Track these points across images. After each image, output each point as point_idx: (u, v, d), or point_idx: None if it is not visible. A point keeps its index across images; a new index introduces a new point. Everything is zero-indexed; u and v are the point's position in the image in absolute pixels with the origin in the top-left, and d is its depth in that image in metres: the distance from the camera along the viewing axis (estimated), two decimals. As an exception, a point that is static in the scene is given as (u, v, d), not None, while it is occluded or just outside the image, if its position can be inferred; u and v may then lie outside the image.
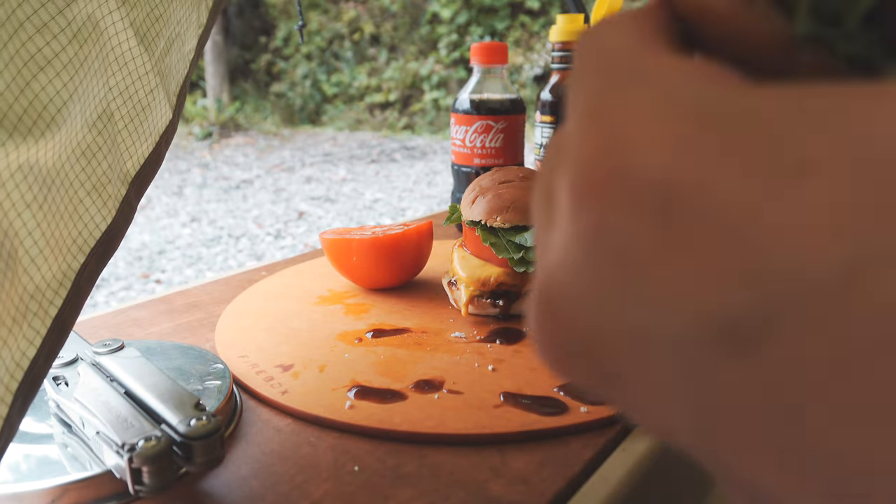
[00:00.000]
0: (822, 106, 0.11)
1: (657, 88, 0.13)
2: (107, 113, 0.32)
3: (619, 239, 0.12)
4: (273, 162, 5.88)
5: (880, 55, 0.15)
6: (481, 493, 0.37)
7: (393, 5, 8.06)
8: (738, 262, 0.11)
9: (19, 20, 0.27)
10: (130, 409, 0.37)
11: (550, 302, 0.14)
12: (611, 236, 0.13)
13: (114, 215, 0.32)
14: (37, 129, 0.28)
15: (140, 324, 0.61)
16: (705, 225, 0.11)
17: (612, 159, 0.13)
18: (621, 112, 0.13)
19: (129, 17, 0.33)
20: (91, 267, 0.30)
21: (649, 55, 0.14)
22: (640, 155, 0.12)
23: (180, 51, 0.38)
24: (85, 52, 0.30)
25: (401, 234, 0.63)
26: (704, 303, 0.11)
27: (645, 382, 0.13)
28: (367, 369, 0.49)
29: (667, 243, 0.12)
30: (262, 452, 0.41)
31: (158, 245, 3.58)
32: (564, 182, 0.14)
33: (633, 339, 0.13)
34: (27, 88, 0.28)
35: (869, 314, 0.10)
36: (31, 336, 0.27)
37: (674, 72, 0.13)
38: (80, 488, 0.36)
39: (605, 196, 0.13)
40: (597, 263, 0.13)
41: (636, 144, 0.12)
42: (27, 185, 0.27)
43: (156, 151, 0.35)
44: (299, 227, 3.88)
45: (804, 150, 0.11)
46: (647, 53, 0.14)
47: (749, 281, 0.11)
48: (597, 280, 0.13)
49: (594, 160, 0.13)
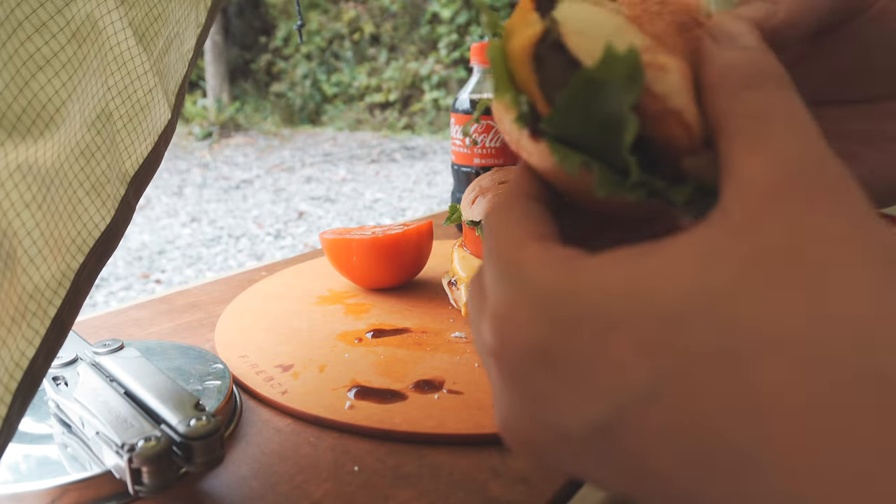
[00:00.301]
0: (611, 275, 0.18)
1: (521, 281, 0.19)
2: (105, 112, 0.32)
3: (522, 385, 0.19)
4: (273, 162, 5.88)
5: (665, 188, 0.21)
6: (481, 493, 0.37)
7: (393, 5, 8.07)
8: (589, 389, 0.18)
9: (18, 19, 0.27)
10: (130, 409, 0.37)
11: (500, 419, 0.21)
12: (514, 382, 0.20)
13: (113, 215, 0.32)
14: (35, 129, 0.28)
15: (140, 324, 0.61)
16: (563, 371, 0.18)
17: (502, 334, 0.19)
18: (503, 299, 0.20)
19: (128, 16, 0.33)
20: (90, 266, 0.30)
21: (518, 250, 0.20)
22: (515, 331, 0.19)
23: (179, 50, 0.38)
24: (84, 51, 0.30)
25: (401, 234, 0.63)
26: (585, 414, 0.18)
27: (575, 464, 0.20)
28: (367, 369, 0.49)
29: (550, 384, 0.18)
30: (261, 452, 0.41)
31: (158, 245, 3.58)
32: (485, 334, 0.20)
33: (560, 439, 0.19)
34: (26, 88, 0.27)
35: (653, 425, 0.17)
36: (30, 336, 0.27)
37: (532, 263, 0.20)
38: (80, 488, 0.36)
39: (503, 360, 0.19)
40: (518, 400, 0.20)
41: (512, 322, 0.19)
42: (26, 185, 0.27)
43: (155, 151, 0.35)
44: (299, 227, 3.88)
45: (605, 313, 0.18)
46: (517, 248, 0.20)
47: (600, 398, 0.18)
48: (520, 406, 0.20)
49: (494, 333, 0.20)
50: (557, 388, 0.18)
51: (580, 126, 0.21)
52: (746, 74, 0.19)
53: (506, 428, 0.21)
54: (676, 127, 0.20)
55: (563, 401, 0.18)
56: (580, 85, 0.20)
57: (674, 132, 0.20)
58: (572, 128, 0.21)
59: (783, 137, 0.18)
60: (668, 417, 0.16)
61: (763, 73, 0.20)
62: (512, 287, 0.19)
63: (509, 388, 0.20)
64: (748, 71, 0.20)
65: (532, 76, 0.22)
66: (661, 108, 0.20)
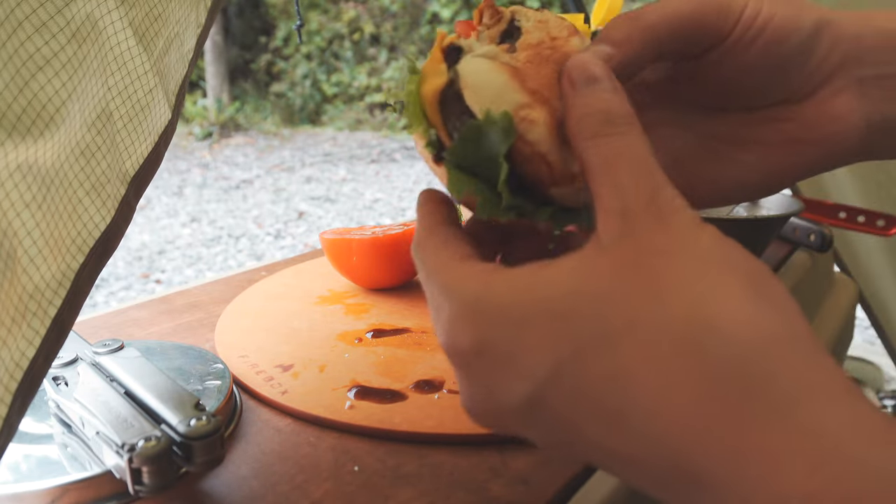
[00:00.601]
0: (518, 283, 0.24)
1: (453, 296, 0.25)
2: (106, 112, 0.32)
3: (470, 375, 0.25)
4: (273, 162, 5.89)
5: (532, 211, 0.27)
6: (481, 493, 0.37)
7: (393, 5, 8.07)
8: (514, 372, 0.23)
9: (18, 19, 0.27)
10: (130, 409, 0.37)
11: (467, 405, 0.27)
12: (464, 373, 0.25)
13: (113, 215, 0.32)
14: (35, 129, 0.28)
15: (140, 324, 0.61)
16: (495, 361, 0.24)
17: (449, 338, 0.25)
18: (445, 312, 0.25)
19: (128, 16, 0.33)
20: (90, 267, 0.30)
21: (447, 272, 0.26)
22: (456, 336, 0.25)
23: (179, 50, 0.38)
24: (84, 51, 0.30)
25: (401, 234, 0.63)
26: (515, 392, 0.23)
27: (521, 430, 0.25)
28: (366, 369, 0.49)
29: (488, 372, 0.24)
30: (261, 452, 0.41)
31: (158, 245, 3.58)
32: (440, 340, 0.26)
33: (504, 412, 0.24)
34: (26, 88, 0.27)
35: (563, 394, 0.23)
36: (30, 336, 0.27)
37: (458, 280, 0.25)
38: (80, 488, 0.36)
39: (454, 359, 0.25)
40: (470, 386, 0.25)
41: (454, 329, 0.25)
42: (26, 185, 0.27)
43: (155, 151, 0.35)
44: (299, 227, 3.88)
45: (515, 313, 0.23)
46: (445, 270, 0.26)
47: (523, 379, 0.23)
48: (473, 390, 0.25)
49: (444, 339, 0.25)
50: (494, 374, 0.24)
51: (471, 161, 0.27)
52: (598, 123, 0.25)
53: (468, 408, 0.26)
54: (542, 165, 0.26)
55: (499, 383, 0.24)
56: (470, 131, 0.26)
57: (541, 169, 0.26)
58: (465, 161, 0.27)
59: (627, 176, 0.24)
60: (572, 387, 0.22)
61: (611, 121, 0.25)
62: (447, 302, 0.25)
63: (463, 378, 0.25)
64: (599, 119, 0.25)
65: (438, 115, 0.28)
66: (530, 151, 0.26)
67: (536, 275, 0.23)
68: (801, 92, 0.31)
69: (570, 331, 0.22)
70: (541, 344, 0.22)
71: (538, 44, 0.28)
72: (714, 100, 0.33)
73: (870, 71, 0.31)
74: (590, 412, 0.22)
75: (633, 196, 0.23)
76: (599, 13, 0.86)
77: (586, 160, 0.25)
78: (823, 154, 0.32)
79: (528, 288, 0.23)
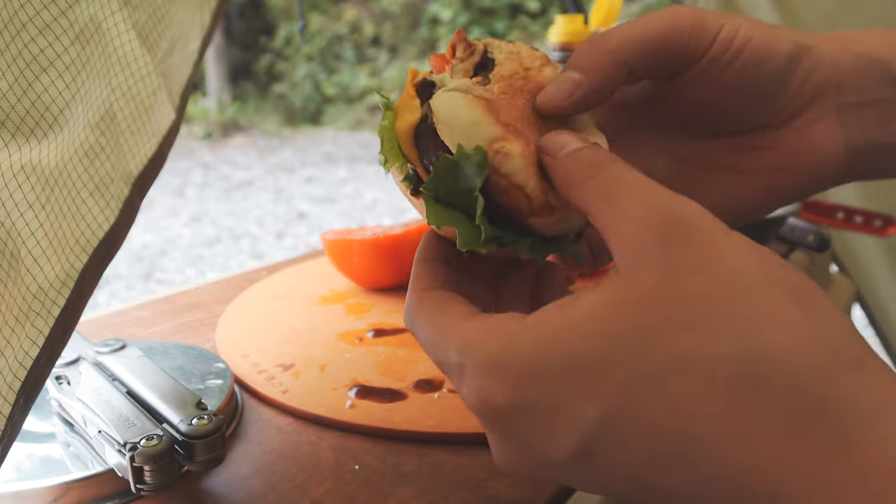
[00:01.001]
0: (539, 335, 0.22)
1: (473, 359, 0.23)
2: (109, 114, 0.32)
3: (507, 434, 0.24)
4: (274, 162, 5.89)
5: (512, 241, 0.27)
6: (481, 493, 0.37)
7: (393, 6, 8.07)
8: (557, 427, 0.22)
9: (21, 21, 0.27)
10: (132, 408, 0.38)
11: None
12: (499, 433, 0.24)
13: (116, 215, 0.32)
14: (39, 130, 0.28)
15: (142, 323, 0.61)
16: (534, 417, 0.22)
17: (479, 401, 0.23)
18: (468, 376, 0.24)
19: (132, 18, 0.34)
20: (93, 267, 0.30)
21: (457, 336, 0.24)
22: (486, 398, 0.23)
23: (183, 52, 0.38)
24: (87, 53, 0.30)
25: (401, 234, 0.64)
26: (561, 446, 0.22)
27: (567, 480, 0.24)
28: (367, 369, 0.50)
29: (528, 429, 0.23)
30: (262, 451, 0.41)
31: (160, 245, 3.59)
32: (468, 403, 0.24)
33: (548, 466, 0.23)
34: (30, 89, 0.28)
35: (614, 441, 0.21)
36: (34, 336, 0.28)
37: (474, 342, 0.24)
38: (83, 487, 0.36)
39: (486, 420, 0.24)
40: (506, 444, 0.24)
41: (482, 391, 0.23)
42: (30, 186, 0.27)
43: (158, 152, 0.35)
44: (300, 227, 3.88)
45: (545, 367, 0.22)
46: (456, 335, 0.25)
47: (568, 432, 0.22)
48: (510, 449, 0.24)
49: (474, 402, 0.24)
50: (535, 429, 0.22)
51: (448, 194, 0.27)
52: (584, 167, 0.24)
53: (503, 465, 0.25)
54: (520, 196, 0.26)
55: (541, 440, 0.22)
56: (445, 165, 0.26)
57: (519, 200, 0.26)
58: (442, 195, 0.27)
59: (630, 200, 0.23)
60: (622, 434, 0.21)
61: (595, 162, 0.24)
62: (468, 362, 0.24)
63: (498, 438, 0.24)
64: (583, 164, 0.25)
65: (413, 150, 0.28)
66: (507, 183, 0.26)
67: (559, 320, 0.22)
68: (779, 118, 0.31)
69: (611, 377, 0.21)
70: (583, 395, 0.21)
71: (511, 75, 0.28)
72: (692, 123, 0.33)
73: (850, 98, 0.30)
74: (645, 456, 0.21)
75: (642, 218, 0.22)
76: (599, 13, 0.86)
77: (584, 202, 0.24)
78: (803, 181, 0.32)
79: (555, 339, 0.22)
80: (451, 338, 0.25)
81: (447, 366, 0.25)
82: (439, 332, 0.26)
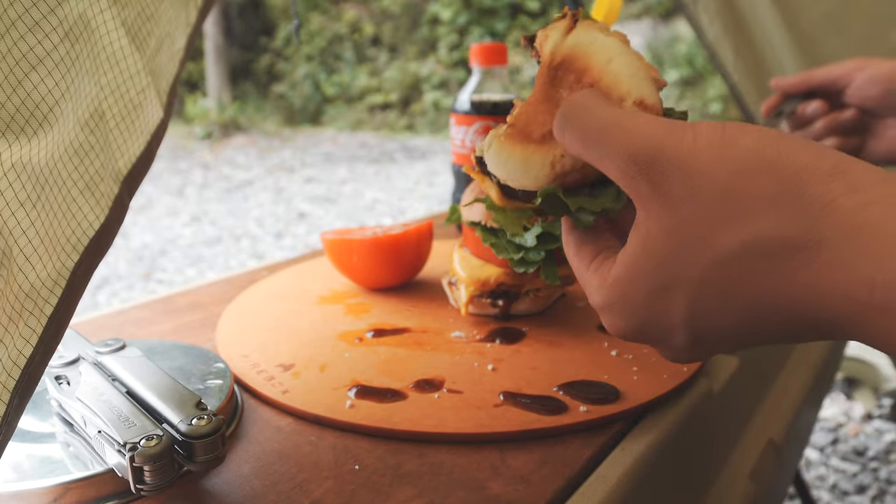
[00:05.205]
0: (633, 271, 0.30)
1: (596, 299, 0.33)
2: (98, 112, 0.32)
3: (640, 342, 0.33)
4: (274, 162, 5.89)
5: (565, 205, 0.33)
6: (481, 492, 0.37)
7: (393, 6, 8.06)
8: (669, 332, 0.31)
9: (10, 18, 0.27)
10: (132, 408, 0.38)
11: None
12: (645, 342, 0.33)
13: (106, 214, 0.32)
14: (29, 128, 0.28)
15: (141, 323, 0.61)
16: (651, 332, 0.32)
17: (609, 326, 0.33)
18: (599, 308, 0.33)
19: (121, 15, 0.34)
20: (85, 265, 0.30)
21: (583, 281, 0.34)
22: (612, 327, 0.33)
23: (170, 50, 0.38)
24: (77, 50, 0.30)
25: (401, 234, 0.63)
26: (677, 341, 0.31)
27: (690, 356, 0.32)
28: (367, 369, 0.50)
29: (652, 339, 0.32)
30: (262, 451, 0.41)
31: (160, 245, 3.59)
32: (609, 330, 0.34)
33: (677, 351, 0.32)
34: (19, 87, 0.28)
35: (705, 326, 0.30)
36: (27, 335, 0.28)
37: (594, 287, 0.33)
38: (82, 487, 0.36)
39: (630, 339, 0.33)
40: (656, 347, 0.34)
41: (608, 322, 0.33)
42: (20, 184, 0.27)
43: (147, 150, 0.35)
44: (300, 227, 3.88)
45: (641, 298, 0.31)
46: (582, 280, 0.34)
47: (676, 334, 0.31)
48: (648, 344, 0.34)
49: (606, 325, 0.33)
50: (657, 338, 0.31)
51: (557, 213, 0.34)
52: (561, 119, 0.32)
53: (666, 357, 0.34)
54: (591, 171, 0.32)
55: (667, 340, 0.31)
56: (544, 206, 0.33)
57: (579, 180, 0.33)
58: (559, 214, 0.34)
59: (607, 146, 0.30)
60: (708, 322, 0.29)
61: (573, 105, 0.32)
62: (596, 303, 0.33)
63: (647, 344, 0.33)
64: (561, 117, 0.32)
65: (517, 204, 0.35)
66: (579, 174, 0.33)
67: (625, 269, 0.30)
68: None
69: (675, 292, 0.29)
70: (667, 308, 0.29)
71: None
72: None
73: None
74: (733, 326, 0.28)
75: (620, 166, 0.29)
76: (599, 13, 0.86)
77: (576, 151, 0.31)
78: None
79: (630, 284, 0.30)
80: (584, 282, 0.34)
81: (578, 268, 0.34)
82: (578, 274, 0.34)
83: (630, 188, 0.29)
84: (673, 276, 0.28)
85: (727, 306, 0.28)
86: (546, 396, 0.45)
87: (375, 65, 8.14)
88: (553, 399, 0.44)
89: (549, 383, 0.47)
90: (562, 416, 0.42)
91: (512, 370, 0.49)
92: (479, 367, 0.49)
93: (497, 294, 0.57)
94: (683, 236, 0.27)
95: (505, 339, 0.54)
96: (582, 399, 0.44)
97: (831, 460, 1.56)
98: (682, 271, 0.28)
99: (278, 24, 8.39)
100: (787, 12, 1.17)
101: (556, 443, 0.41)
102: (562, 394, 0.45)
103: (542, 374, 0.48)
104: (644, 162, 0.28)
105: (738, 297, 0.27)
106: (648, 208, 0.28)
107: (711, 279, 0.27)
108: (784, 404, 0.68)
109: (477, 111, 0.83)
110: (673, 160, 0.27)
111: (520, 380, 0.47)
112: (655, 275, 0.29)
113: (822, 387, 0.86)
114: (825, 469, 1.53)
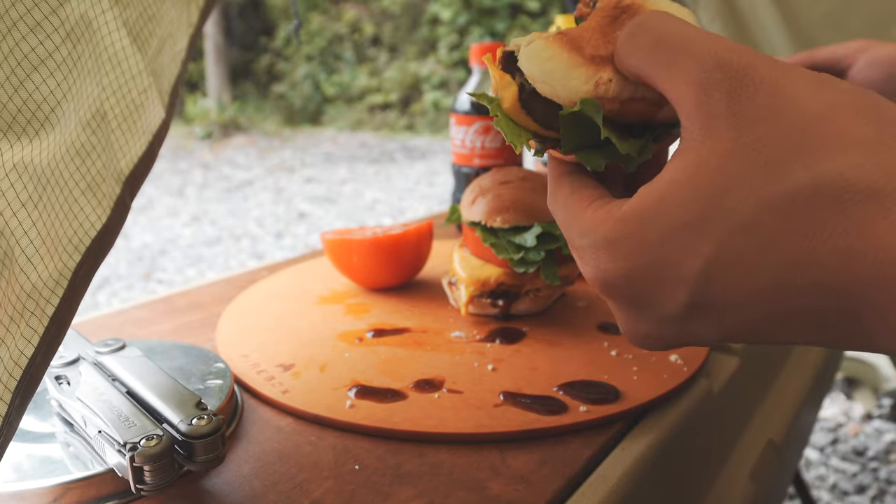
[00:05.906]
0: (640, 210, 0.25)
1: (592, 238, 0.27)
2: (100, 112, 0.32)
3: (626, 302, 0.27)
4: (274, 162, 5.89)
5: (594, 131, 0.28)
6: (481, 492, 0.37)
7: (393, 6, 8.07)
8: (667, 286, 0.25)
9: (12, 19, 0.27)
10: (132, 408, 0.38)
11: None
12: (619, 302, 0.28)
13: (108, 214, 0.32)
14: (31, 129, 0.28)
15: (141, 324, 0.61)
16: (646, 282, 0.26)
17: (597, 275, 0.27)
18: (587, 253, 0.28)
19: (122, 16, 0.34)
20: (87, 265, 0.30)
21: (580, 220, 0.28)
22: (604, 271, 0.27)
23: (172, 50, 0.38)
24: (78, 51, 0.30)
25: (401, 234, 0.63)
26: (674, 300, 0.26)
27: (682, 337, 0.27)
28: (367, 369, 0.50)
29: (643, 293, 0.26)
30: (262, 451, 0.41)
31: (160, 245, 3.59)
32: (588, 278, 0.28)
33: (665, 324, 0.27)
34: (21, 88, 0.28)
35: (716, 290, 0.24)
36: (28, 335, 0.28)
37: (592, 224, 0.27)
38: (82, 487, 0.36)
39: (606, 292, 0.28)
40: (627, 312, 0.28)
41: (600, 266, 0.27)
42: (22, 185, 0.27)
43: (149, 150, 0.35)
44: (300, 227, 3.88)
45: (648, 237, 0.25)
46: (580, 219, 0.28)
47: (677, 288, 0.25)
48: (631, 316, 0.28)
49: (593, 277, 0.28)
50: (648, 292, 0.26)
51: (580, 141, 0.29)
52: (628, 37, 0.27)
53: (629, 335, 0.28)
54: (638, 107, 0.28)
55: (656, 298, 0.26)
56: (567, 121, 0.28)
57: (638, 110, 0.28)
58: (576, 144, 0.29)
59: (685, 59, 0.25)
60: (724, 279, 0.23)
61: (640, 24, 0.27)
62: (587, 244, 0.27)
63: (619, 307, 0.28)
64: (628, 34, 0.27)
65: (528, 119, 0.30)
66: (619, 104, 0.28)
67: (650, 195, 0.25)
68: None
69: (705, 233, 0.23)
70: (683, 253, 0.24)
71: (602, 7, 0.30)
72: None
73: None
74: (749, 292, 0.23)
75: (700, 78, 0.24)
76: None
77: (642, 72, 0.26)
78: None
79: (651, 213, 0.25)
80: (575, 223, 0.28)
81: (572, 246, 0.29)
82: (568, 217, 0.29)
83: (700, 102, 0.24)
84: (712, 212, 0.23)
85: (762, 261, 0.22)
86: (546, 396, 0.45)
87: (375, 65, 8.14)
88: (553, 399, 0.44)
89: (549, 383, 0.47)
90: (562, 416, 0.42)
91: (512, 370, 0.49)
92: (479, 367, 0.49)
93: (497, 294, 0.57)
94: (746, 164, 0.22)
95: (505, 339, 0.54)
96: (582, 399, 0.44)
97: (831, 460, 1.56)
98: (726, 206, 0.23)
99: (278, 24, 8.39)
100: (786, 12, 1.18)
101: (556, 443, 0.41)
102: (562, 394, 0.45)
103: (542, 374, 0.48)
104: (733, 69, 0.23)
105: (780, 251, 0.22)
106: (711, 127, 0.23)
107: (760, 220, 0.22)
108: (784, 404, 0.68)
109: (477, 111, 0.83)
110: (765, 77, 0.23)
111: (520, 380, 0.47)
112: (689, 208, 0.24)
113: (821, 387, 0.86)
114: (825, 469, 1.54)
